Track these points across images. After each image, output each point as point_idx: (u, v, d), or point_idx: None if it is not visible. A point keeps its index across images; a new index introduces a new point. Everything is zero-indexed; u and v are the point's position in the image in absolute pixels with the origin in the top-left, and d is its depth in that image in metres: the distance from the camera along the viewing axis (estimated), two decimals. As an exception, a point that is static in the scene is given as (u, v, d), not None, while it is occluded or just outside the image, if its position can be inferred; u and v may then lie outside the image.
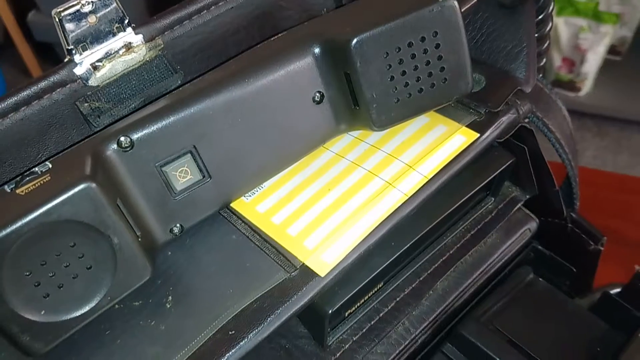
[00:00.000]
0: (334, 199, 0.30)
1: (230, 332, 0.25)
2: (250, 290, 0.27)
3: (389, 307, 0.33)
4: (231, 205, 0.30)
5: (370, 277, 0.29)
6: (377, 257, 0.30)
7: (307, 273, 0.27)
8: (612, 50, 1.41)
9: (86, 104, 0.28)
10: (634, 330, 0.32)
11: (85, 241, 0.24)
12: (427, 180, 0.30)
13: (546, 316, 0.35)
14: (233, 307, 0.26)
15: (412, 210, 0.29)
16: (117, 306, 0.27)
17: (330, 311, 0.28)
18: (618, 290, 0.37)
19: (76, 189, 0.23)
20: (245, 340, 0.25)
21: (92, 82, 0.28)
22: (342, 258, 0.27)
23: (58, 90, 0.28)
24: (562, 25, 1.32)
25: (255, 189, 0.31)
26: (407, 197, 0.29)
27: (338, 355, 0.31)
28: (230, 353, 0.25)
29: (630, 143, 1.45)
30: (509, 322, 0.34)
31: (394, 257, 0.30)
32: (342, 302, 0.29)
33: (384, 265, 0.30)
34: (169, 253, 0.29)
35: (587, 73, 1.39)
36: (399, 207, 0.29)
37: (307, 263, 0.27)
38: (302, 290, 0.27)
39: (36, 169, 0.24)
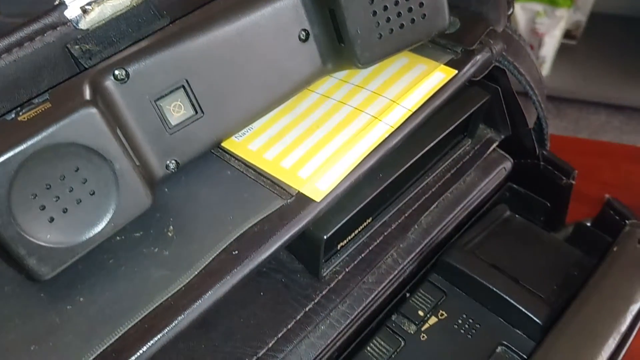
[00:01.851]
0: (324, 134, 0.31)
1: (234, 252, 0.26)
2: (249, 216, 0.28)
3: (378, 241, 0.35)
4: (223, 145, 0.31)
5: (361, 206, 0.31)
6: (367, 189, 0.31)
7: (303, 200, 0.28)
8: (567, 34, 1.48)
9: (77, 47, 0.29)
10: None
11: (88, 165, 0.24)
12: (411, 113, 0.31)
13: (524, 246, 0.38)
14: (234, 230, 0.27)
15: (398, 141, 0.31)
16: (118, 238, 0.27)
17: (325, 237, 0.30)
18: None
19: (78, 113, 0.24)
20: (249, 259, 0.26)
21: (82, 25, 0.29)
22: (336, 185, 0.29)
23: (49, 32, 0.28)
24: (519, 10, 1.37)
25: (245, 130, 0.32)
26: (393, 129, 0.31)
27: (332, 285, 0.33)
28: (236, 270, 0.26)
29: (588, 123, 1.51)
30: (490, 251, 0.36)
31: (383, 187, 0.32)
32: (335, 229, 0.30)
33: (374, 195, 0.31)
34: (166, 190, 0.30)
35: (545, 57, 1.44)
36: (386, 138, 0.30)
37: (302, 191, 0.29)
38: (299, 214, 0.28)
39: (35, 100, 0.25)
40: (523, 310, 0.32)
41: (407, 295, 0.35)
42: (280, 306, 0.32)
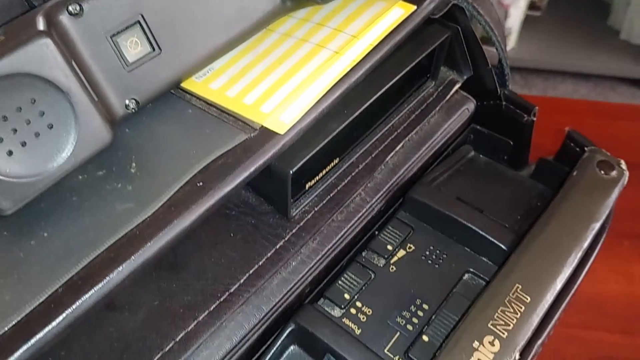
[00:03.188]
0: (285, 70, 0.31)
1: (198, 184, 0.26)
2: (213, 150, 0.28)
3: (346, 181, 0.35)
4: (183, 85, 0.31)
5: (327, 141, 0.31)
6: (331, 124, 0.32)
7: (267, 133, 0.28)
8: (531, 5, 1.49)
9: (29, -13, 0.28)
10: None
11: (45, 98, 0.24)
12: (371, 47, 0.31)
13: (488, 182, 0.38)
14: (198, 164, 0.27)
15: (360, 76, 0.31)
16: (80, 177, 0.27)
17: (291, 171, 0.30)
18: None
19: (32, 43, 0.23)
20: (214, 189, 0.26)
21: (32, -36, 0.28)
22: (299, 118, 0.29)
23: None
24: (485, -19, 1.38)
25: (205, 71, 0.32)
26: (354, 64, 0.31)
27: (302, 223, 0.33)
28: (201, 200, 0.26)
29: (555, 92, 1.54)
30: (455, 187, 0.37)
31: (347, 122, 0.32)
32: (301, 163, 0.30)
33: (339, 130, 0.32)
34: (127, 130, 0.29)
35: (511, 28, 1.46)
36: (348, 72, 0.30)
37: (265, 124, 0.29)
38: (264, 147, 0.28)
39: (-14, 35, 0.24)
40: (487, 237, 0.33)
41: (376, 233, 0.36)
42: (250, 245, 0.32)
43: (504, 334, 0.27)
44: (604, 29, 1.53)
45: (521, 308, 0.27)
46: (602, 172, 0.33)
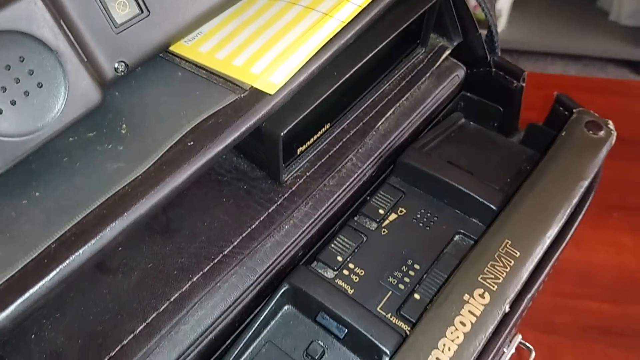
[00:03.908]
0: (275, 32, 0.31)
1: (189, 143, 0.26)
2: (203, 110, 0.28)
3: (337, 147, 0.35)
4: (172, 49, 0.31)
5: (317, 103, 0.31)
6: (322, 87, 0.32)
7: (257, 94, 0.28)
8: (522, -13, 1.49)
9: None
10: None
11: (34, 56, 0.24)
12: (361, 8, 0.31)
13: (478, 147, 0.39)
14: (189, 123, 0.27)
15: (350, 37, 0.31)
16: (71, 139, 0.27)
17: (282, 133, 0.30)
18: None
19: (21, 1, 0.23)
20: (205, 148, 0.26)
21: None
22: (289, 79, 0.29)
23: None
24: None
25: (194, 35, 0.32)
26: (344, 24, 0.31)
27: (294, 188, 0.33)
28: (192, 159, 0.26)
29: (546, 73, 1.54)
30: (446, 152, 0.37)
31: (338, 84, 0.32)
32: (292, 125, 0.30)
33: (329, 92, 0.32)
34: (117, 94, 0.29)
35: (501, 10, 1.46)
36: (337, 33, 0.30)
37: (255, 85, 0.29)
38: (254, 107, 0.28)
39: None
40: (478, 198, 0.33)
41: (368, 198, 0.36)
42: (243, 209, 0.32)
43: (493, 287, 0.27)
44: (593, 10, 1.53)
45: (510, 262, 0.28)
46: (591, 132, 0.33)
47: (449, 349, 0.25)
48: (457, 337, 0.25)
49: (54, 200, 0.25)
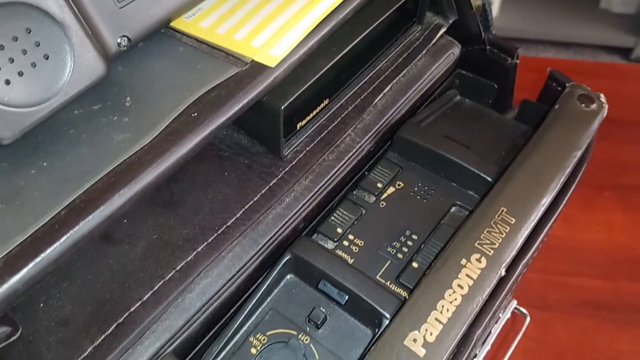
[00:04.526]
0: (275, 7, 0.32)
1: (193, 115, 0.27)
2: (206, 83, 0.28)
3: (336, 122, 0.36)
4: (173, 25, 0.31)
5: (317, 77, 0.32)
6: (321, 61, 0.32)
7: (258, 66, 0.29)
8: (513, -25, 1.50)
9: None
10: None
11: (40, 28, 0.24)
12: (359, -15, 0.32)
13: (474, 123, 0.40)
14: (192, 95, 0.28)
15: (349, 12, 0.31)
16: (76, 111, 0.28)
17: (282, 106, 0.31)
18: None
19: (25, -28, 0.23)
20: (209, 119, 0.27)
21: None
22: (289, 52, 0.29)
23: None
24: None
25: (194, 11, 0.32)
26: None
27: (294, 162, 0.34)
28: (197, 130, 0.26)
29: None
30: (442, 127, 0.38)
31: (337, 59, 0.33)
32: (293, 98, 0.31)
33: (328, 66, 0.32)
34: (120, 68, 0.30)
35: (493, -2, 1.46)
36: (336, 7, 0.31)
37: (256, 58, 0.29)
38: (256, 80, 0.28)
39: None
40: (474, 170, 0.34)
41: (366, 173, 0.37)
42: (245, 183, 0.33)
43: (490, 252, 0.28)
44: (585, -2, 1.54)
45: (506, 229, 0.29)
46: (583, 105, 0.34)
47: (448, 310, 0.26)
48: (455, 299, 0.26)
49: (61, 170, 0.25)
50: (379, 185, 0.36)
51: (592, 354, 0.55)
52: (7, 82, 0.24)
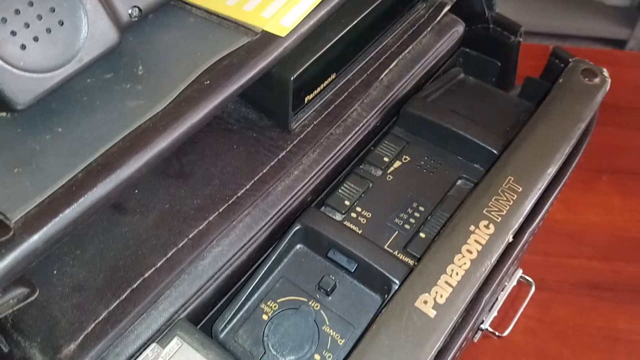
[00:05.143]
0: (284, -20, 0.32)
1: (205, 82, 0.27)
2: (217, 52, 0.29)
3: (343, 97, 0.36)
4: (182, -3, 0.32)
5: (325, 49, 0.32)
6: (329, 33, 0.33)
7: (268, 36, 0.29)
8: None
9: None
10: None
11: (55, -7, 0.25)
12: (366, -42, 0.32)
13: (478, 99, 0.40)
14: (204, 63, 0.28)
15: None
16: (89, 80, 0.28)
17: (292, 77, 0.31)
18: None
19: (39, -64, 0.24)
20: (221, 87, 0.27)
21: None
22: (299, 22, 0.30)
23: None
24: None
25: (204, -16, 0.32)
26: (351, -27, 0.32)
27: (302, 136, 0.34)
28: (210, 97, 0.27)
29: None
30: (447, 102, 0.38)
31: (344, 32, 0.33)
32: (302, 69, 0.31)
33: (336, 38, 0.33)
34: (131, 39, 0.30)
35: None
36: (346, -20, 0.31)
37: (266, 28, 0.30)
38: (266, 49, 0.29)
39: None
40: (480, 143, 0.34)
41: (372, 148, 0.37)
42: (253, 156, 0.33)
43: (497, 218, 0.28)
44: (579, -10, 1.54)
45: (513, 197, 0.29)
46: (586, 79, 0.35)
47: (457, 274, 0.27)
48: (465, 264, 0.27)
49: (76, 135, 0.26)
50: (386, 159, 0.36)
51: (591, 332, 0.56)
52: (23, 46, 0.24)
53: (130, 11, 0.29)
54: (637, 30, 1.47)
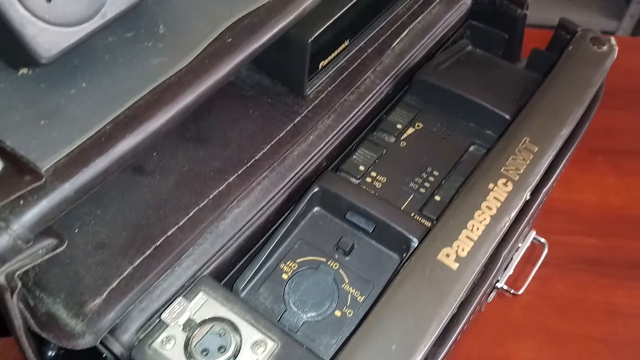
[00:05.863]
0: (300, -55, 0.32)
1: (227, 40, 0.27)
2: (237, 11, 0.29)
3: (356, 64, 0.37)
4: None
5: (341, 12, 0.32)
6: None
7: (289, -5, 0.29)
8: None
9: None
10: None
11: (79, -54, 0.24)
12: None
13: (487, 70, 0.41)
14: (226, 22, 0.28)
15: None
16: (110, 39, 0.28)
17: (310, 40, 0.31)
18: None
19: None
20: (243, 45, 0.27)
21: None
22: (317, -22, 0.30)
23: None
24: None
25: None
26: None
27: (317, 102, 0.34)
28: (233, 54, 0.27)
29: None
30: (458, 71, 0.39)
31: (360, -3, 0.33)
32: (319, 32, 0.31)
33: (351, 3, 0.33)
34: (150, 0, 0.30)
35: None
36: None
37: (287, -14, 0.30)
38: (286, 8, 0.29)
39: None
40: (492, 109, 0.35)
41: (385, 116, 0.37)
42: (269, 120, 0.33)
43: (515, 177, 0.29)
44: (573, -17, 1.56)
45: (530, 156, 0.30)
46: (595, 46, 0.35)
47: (477, 229, 0.27)
48: (485, 219, 0.27)
49: (101, 90, 0.25)
50: (399, 126, 0.36)
51: (589, 307, 0.57)
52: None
53: (148, -28, 0.29)
54: (624, 22, 1.49)
